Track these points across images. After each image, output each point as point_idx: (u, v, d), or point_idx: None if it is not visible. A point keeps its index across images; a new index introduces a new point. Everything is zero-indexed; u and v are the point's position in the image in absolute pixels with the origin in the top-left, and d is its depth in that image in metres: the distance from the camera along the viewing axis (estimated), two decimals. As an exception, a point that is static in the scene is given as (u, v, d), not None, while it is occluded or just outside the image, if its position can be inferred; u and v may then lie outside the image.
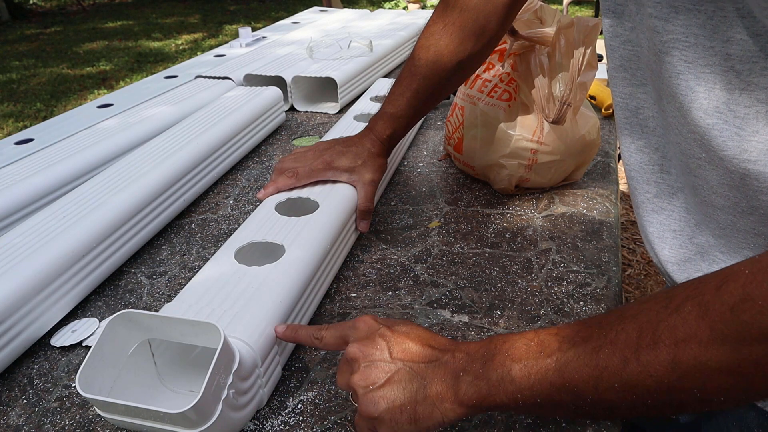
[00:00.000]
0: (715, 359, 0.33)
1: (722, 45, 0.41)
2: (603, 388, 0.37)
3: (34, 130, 1.01)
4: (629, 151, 0.57)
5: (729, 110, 0.43)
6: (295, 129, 1.14)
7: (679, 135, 0.49)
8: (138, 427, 0.48)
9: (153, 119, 1.02)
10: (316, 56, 1.31)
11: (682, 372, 0.34)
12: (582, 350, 0.39)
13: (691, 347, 0.34)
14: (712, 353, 0.33)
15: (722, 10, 0.40)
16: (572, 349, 0.39)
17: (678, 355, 0.34)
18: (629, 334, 0.37)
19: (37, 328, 0.62)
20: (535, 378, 0.40)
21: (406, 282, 0.69)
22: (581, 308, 0.64)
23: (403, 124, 0.79)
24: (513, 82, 0.86)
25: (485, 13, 0.73)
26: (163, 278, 0.72)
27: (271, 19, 6.15)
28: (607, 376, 0.37)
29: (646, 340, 0.36)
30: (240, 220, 0.83)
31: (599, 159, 0.96)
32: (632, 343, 0.36)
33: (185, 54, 5.32)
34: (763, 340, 0.31)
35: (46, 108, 4.11)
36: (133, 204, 0.75)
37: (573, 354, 0.39)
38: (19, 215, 0.78)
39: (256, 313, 0.54)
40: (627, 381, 0.36)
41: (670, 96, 0.47)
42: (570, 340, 0.40)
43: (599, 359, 0.38)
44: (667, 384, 0.35)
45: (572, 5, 5.23)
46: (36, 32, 6.63)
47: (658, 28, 0.45)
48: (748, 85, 0.41)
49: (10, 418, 0.54)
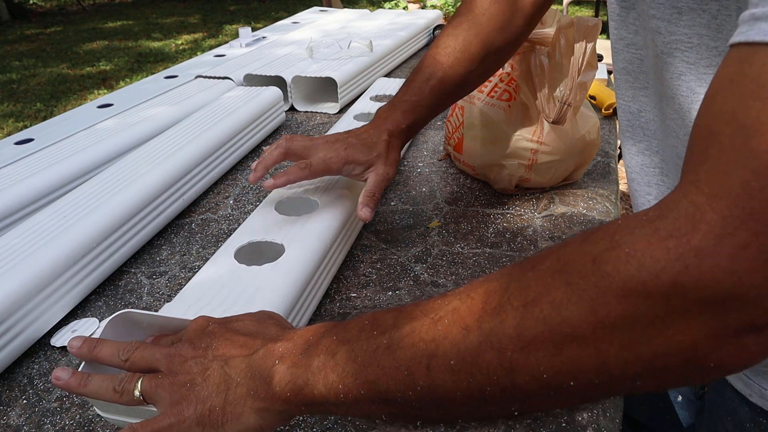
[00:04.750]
0: (566, 322, 0.27)
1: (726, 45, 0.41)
2: (436, 367, 0.31)
3: (34, 130, 1.01)
4: (630, 154, 0.57)
5: None
6: (295, 129, 1.14)
7: (676, 138, 0.49)
8: (138, 427, 0.48)
9: (153, 119, 1.02)
10: (316, 56, 1.31)
11: (527, 341, 0.28)
12: (419, 324, 0.32)
13: (541, 309, 0.28)
14: (563, 315, 0.27)
15: (727, 8, 0.40)
16: (409, 323, 0.33)
17: (525, 319, 0.28)
18: (475, 301, 0.31)
19: (37, 328, 0.62)
20: (360, 361, 0.34)
21: (406, 282, 0.69)
22: (581, 308, 0.64)
23: (424, 114, 0.73)
24: (513, 82, 0.86)
25: (513, 7, 0.71)
26: (163, 278, 0.72)
27: (271, 19, 6.15)
28: (442, 351, 0.31)
29: (492, 305, 0.30)
30: (240, 220, 0.83)
31: (599, 159, 0.96)
32: (477, 309, 0.30)
33: (185, 54, 5.32)
34: (623, 296, 0.26)
35: (46, 108, 4.11)
36: (133, 204, 0.75)
37: (408, 328, 0.33)
38: (19, 215, 0.78)
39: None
40: (464, 356, 0.30)
41: (671, 98, 0.47)
42: (408, 314, 0.34)
43: (437, 331, 0.31)
44: (510, 359, 0.29)
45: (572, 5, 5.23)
46: (36, 32, 6.63)
47: (661, 29, 0.45)
48: None
49: (10, 418, 0.54)
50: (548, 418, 0.51)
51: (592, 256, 0.27)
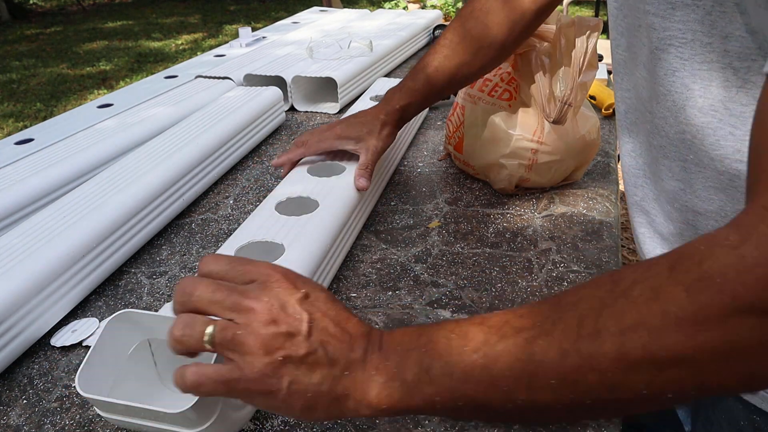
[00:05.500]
0: (666, 348, 0.29)
1: (720, 41, 0.41)
2: (537, 386, 0.33)
3: (34, 130, 1.01)
4: (623, 153, 0.58)
5: (725, 108, 0.42)
6: (295, 129, 1.14)
7: (665, 138, 0.49)
8: (138, 426, 0.48)
9: (153, 119, 1.02)
10: (316, 56, 1.31)
11: (628, 364, 0.30)
12: (513, 343, 0.34)
13: (640, 335, 0.30)
14: (663, 341, 0.29)
15: (721, 5, 0.40)
16: (501, 341, 0.34)
17: (624, 344, 0.30)
18: (568, 323, 0.32)
19: (37, 328, 0.62)
20: (457, 377, 0.35)
21: (406, 282, 0.69)
22: (581, 308, 0.64)
23: (419, 99, 0.80)
24: (514, 82, 0.86)
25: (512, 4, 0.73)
26: (163, 278, 0.72)
27: (271, 19, 6.15)
28: (542, 372, 0.32)
29: (587, 329, 0.31)
30: (240, 220, 0.83)
31: (599, 159, 0.96)
32: (572, 333, 0.32)
33: (185, 54, 5.32)
34: (721, 322, 0.28)
35: (46, 108, 4.11)
36: (133, 204, 0.75)
37: (502, 347, 0.34)
38: (19, 215, 0.78)
39: (256, 313, 0.54)
40: (565, 377, 0.32)
41: (663, 95, 0.47)
42: (498, 331, 0.35)
43: (533, 353, 0.33)
44: (611, 379, 0.31)
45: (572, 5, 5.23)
46: (36, 32, 6.63)
47: (656, 25, 0.45)
48: (746, 83, 0.41)
49: (10, 418, 0.54)
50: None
51: (684, 286, 0.29)
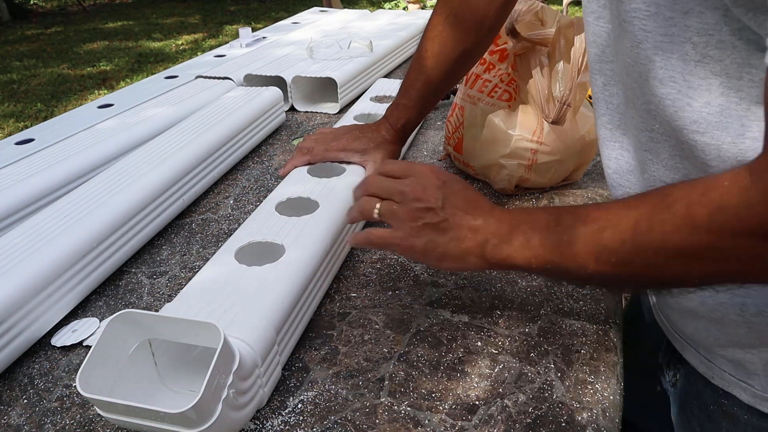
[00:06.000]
0: (693, 246, 0.41)
1: (682, 16, 0.42)
2: (602, 261, 0.46)
3: (35, 131, 1.01)
4: (598, 125, 0.59)
5: (684, 80, 0.44)
6: (295, 129, 1.14)
7: (634, 108, 0.51)
8: (138, 426, 0.48)
9: (153, 119, 1.02)
10: (316, 56, 1.31)
11: (667, 255, 0.42)
12: (590, 229, 0.47)
13: (676, 237, 0.41)
14: (692, 241, 0.41)
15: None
16: (582, 227, 0.47)
17: (665, 242, 0.42)
18: (629, 220, 0.44)
19: (37, 328, 0.62)
20: (549, 248, 0.49)
21: (406, 282, 0.69)
22: (581, 308, 0.64)
23: (415, 115, 0.84)
24: (513, 82, 0.86)
25: (484, 3, 0.75)
26: (164, 278, 0.72)
27: (271, 20, 6.15)
28: (606, 252, 0.45)
29: (641, 228, 0.43)
30: (240, 220, 0.83)
31: (599, 159, 0.96)
32: (630, 228, 0.44)
33: (185, 54, 5.33)
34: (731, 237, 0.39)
35: (47, 108, 4.12)
36: (134, 204, 0.75)
37: (582, 231, 0.47)
38: (19, 215, 0.78)
39: (256, 312, 0.54)
40: (622, 258, 0.45)
41: (631, 66, 0.49)
42: (582, 219, 0.48)
43: (602, 238, 0.46)
44: (654, 263, 0.44)
45: (572, 5, 5.23)
46: (36, 32, 6.63)
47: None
48: (704, 57, 0.42)
49: (10, 417, 0.54)
50: (548, 418, 0.51)
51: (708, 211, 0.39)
